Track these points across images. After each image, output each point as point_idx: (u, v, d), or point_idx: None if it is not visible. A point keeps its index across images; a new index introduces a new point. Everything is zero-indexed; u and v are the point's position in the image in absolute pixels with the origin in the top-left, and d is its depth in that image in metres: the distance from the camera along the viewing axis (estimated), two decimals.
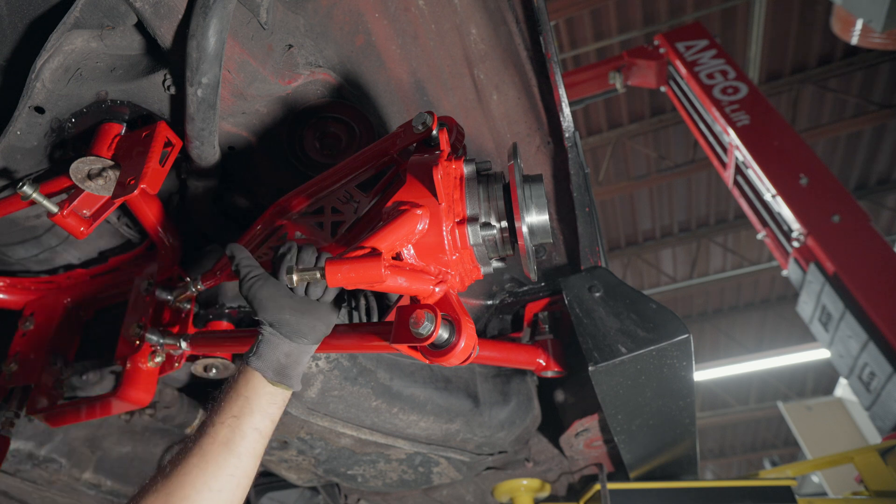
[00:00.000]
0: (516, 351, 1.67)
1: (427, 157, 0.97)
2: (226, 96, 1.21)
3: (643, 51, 5.77)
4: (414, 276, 0.88)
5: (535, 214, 0.94)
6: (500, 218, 0.93)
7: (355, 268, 0.83)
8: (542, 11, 1.20)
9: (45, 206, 1.13)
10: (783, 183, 4.26)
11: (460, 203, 0.92)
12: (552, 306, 1.76)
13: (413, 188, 0.93)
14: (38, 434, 1.66)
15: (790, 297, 9.61)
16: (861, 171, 8.14)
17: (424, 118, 1.00)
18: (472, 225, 0.90)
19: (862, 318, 3.62)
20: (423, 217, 0.89)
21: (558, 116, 1.34)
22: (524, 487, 2.20)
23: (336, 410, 1.63)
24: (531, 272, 0.96)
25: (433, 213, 0.90)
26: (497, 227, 0.93)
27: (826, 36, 6.66)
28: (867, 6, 3.81)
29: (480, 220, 0.91)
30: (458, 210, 0.92)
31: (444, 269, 0.91)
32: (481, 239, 0.91)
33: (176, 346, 1.34)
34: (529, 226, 0.93)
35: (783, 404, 8.40)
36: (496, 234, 0.93)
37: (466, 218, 0.91)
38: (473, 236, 0.90)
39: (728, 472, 13.71)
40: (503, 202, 0.93)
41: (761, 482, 2.08)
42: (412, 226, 0.89)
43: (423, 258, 0.91)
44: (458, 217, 0.91)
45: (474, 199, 0.93)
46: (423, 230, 0.89)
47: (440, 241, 0.89)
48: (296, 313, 0.93)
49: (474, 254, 0.93)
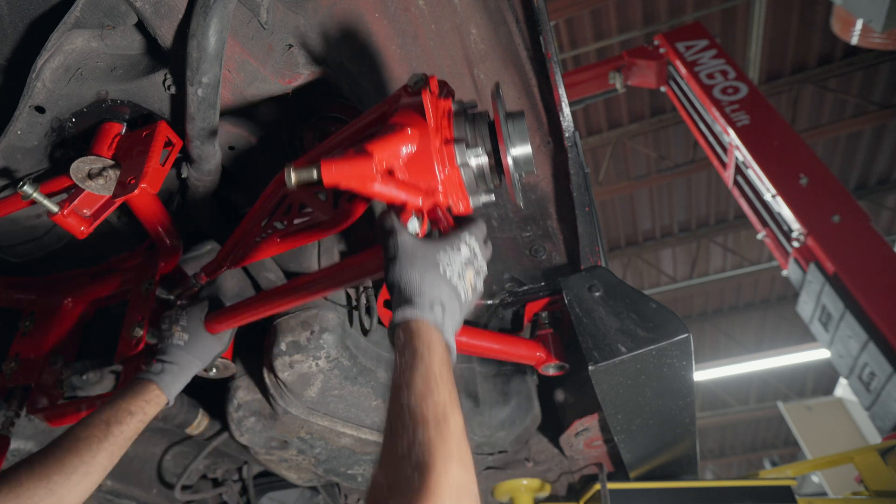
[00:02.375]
0: (516, 343, 1.67)
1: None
2: (226, 96, 1.21)
3: (643, 51, 5.77)
4: (403, 186, 0.93)
5: (519, 146, 0.97)
6: (486, 147, 0.97)
7: (349, 164, 0.88)
8: (542, 11, 1.20)
9: (46, 205, 1.13)
10: (783, 183, 4.26)
11: (448, 129, 0.97)
12: (552, 306, 1.76)
13: (405, 114, 0.97)
14: (38, 434, 1.66)
15: (790, 297, 9.61)
16: (861, 171, 8.14)
17: (419, 77, 1.02)
18: (458, 145, 0.94)
19: (862, 318, 3.62)
20: (413, 135, 0.93)
21: (558, 116, 1.34)
22: (524, 487, 2.20)
23: (336, 410, 1.63)
24: (518, 199, 1.00)
25: (423, 132, 0.94)
26: (483, 151, 0.96)
27: (826, 36, 6.65)
28: (867, 6, 3.81)
29: (467, 142, 0.96)
30: (446, 133, 0.96)
31: (433, 187, 0.94)
32: (468, 160, 0.95)
33: None
34: (514, 157, 0.96)
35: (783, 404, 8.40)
36: (483, 161, 0.97)
37: (454, 139, 0.95)
38: (460, 155, 0.94)
39: (728, 472, 13.71)
40: (489, 136, 0.97)
41: (761, 482, 2.08)
42: (403, 140, 0.93)
43: (413, 175, 0.94)
44: (445, 138, 0.96)
45: (461, 127, 0.97)
46: (412, 150, 0.93)
47: (429, 157, 0.93)
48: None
49: (462, 177, 0.96)
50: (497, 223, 1.59)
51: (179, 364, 1.27)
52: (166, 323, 1.33)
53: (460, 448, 0.67)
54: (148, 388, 1.19)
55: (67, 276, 1.58)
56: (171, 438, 1.99)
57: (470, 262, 0.89)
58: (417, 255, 0.85)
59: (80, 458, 1.01)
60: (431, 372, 0.74)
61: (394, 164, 0.93)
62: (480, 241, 0.94)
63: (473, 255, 0.90)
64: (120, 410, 1.11)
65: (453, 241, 0.89)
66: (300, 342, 1.48)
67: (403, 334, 0.80)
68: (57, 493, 0.96)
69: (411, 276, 0.83)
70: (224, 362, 1.49)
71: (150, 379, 1.21)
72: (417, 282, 0.83)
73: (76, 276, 1.58)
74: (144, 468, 1.94)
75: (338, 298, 1.60)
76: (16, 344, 1.51)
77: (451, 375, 0.77)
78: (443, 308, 0.82)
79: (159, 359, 1.27)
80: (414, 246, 0.87)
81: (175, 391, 1.25)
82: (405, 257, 0.85)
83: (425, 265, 0.84)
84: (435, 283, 0.83)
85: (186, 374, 1.29)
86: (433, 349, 0.77)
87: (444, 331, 0.82)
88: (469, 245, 0.90)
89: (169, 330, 1.31)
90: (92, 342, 1.67)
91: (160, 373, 1.23)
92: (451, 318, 0.84)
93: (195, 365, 1.31)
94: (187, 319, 1.32)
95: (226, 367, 1.52)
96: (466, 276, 0.88)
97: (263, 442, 1.75)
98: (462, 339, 1.59)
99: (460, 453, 0.67)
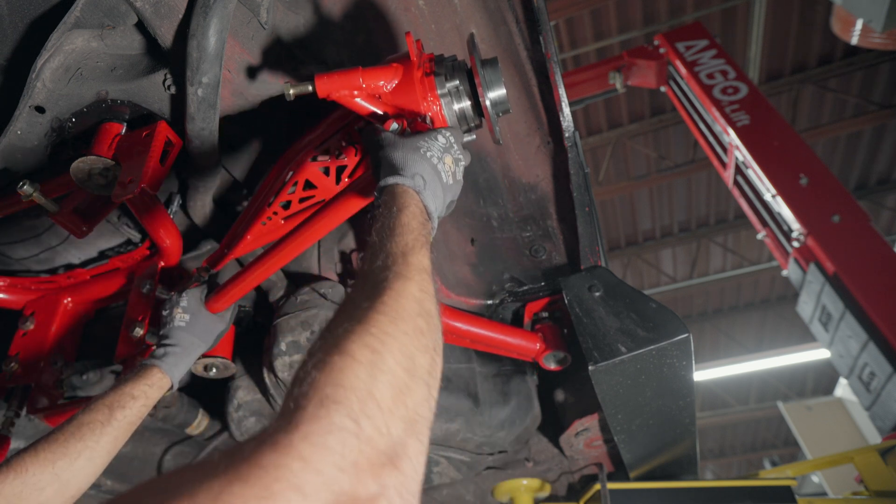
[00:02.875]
0: (515, 333, 1.66)
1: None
2: (226, 96, 1.21)
3: (643, 51, 5.77)
4: (388, 107, 1.04)
5: (496, 89, 1.05)
6: (466, 91, 1.06)
7: (339, 75, 1.01)
8: (542, 11, 1.20)
9: (46, 205, 1.13)
10: (783, 183, 4.26)
11: (428, 65, 1.06)
12: (552, 306, 1.76)
13: (391, 59, 1.08)
14: (38, 434, 1.66)
15: (790, 297, 9.61)
16: (861, 171, 8.14)
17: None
18: (438, 77, 1.04)
19: (862, 318, 3.62)
20: (397, 68, 1.04)
21: (558, 116, 1.34)
22: (524, 487, 2.20)
23: None
24: (496, 137, 1.08)
25: (407, 68, 1.04)
26: (464, 91, 1.05)
27: (826, 36, 6.65)
28: (867, 6, 3.81)
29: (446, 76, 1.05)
30: (427, 68, 1.06)
31: (415, 110, 1.04)
32: (447, 90, 1.04)
33: None
34: (490, 98, 1.04)
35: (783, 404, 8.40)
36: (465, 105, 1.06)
37: (433, 72, 1.05)
38: (440, 86, 1.04)
39: (728, 472, 13.70)
40: (468, 82, 1.06)
41: (761, 482, 2.08)
42: (389, 70, 1.04)
43: (398, 101, 1.04)
44: (426, 71, 1.05)
45: (441, 71, 1.06)
46: (397, 80, 1.04)
47: (412, 85, 1.03)
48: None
49: (444, 113, 1.04)
50: (497, 223, 1.59)
51: (182, 346, 1.27)
52: (167, 308, 1.34)
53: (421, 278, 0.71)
54: (151, 372, 1.19)
55: (67, 276, 1.58)
56: (171, 438, 1.99)
57: (447, 149, 0.96)
58: (399, 142, 0.94)
59: (83, 443, 1.02)
60: (401, 220, 0.79)
61: (380, 91, 1.04)
62: (458, 139, 1.01)
63: (450, 145, 0.97)
64: (123, 395, 1.12)
65: (431, 133, 0.97)
66: (300, 342, 1.48)
67: (385, 196, 0.86)
68: (62, 477, 0.97)
69: (394, 156, 0.91)
70: (224, 362, 1.49)
71: (153, 363, 1.21)
72: (400, 159, 0.90)
73: (76, 276, 1.58)
74: (144, 468, 1.94)
75: (337, 298, 1.60)
76: (16, 344, 1.51)
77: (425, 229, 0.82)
78: (424, 181, 0.88)
79: (161, 343, 1.27)
80: (396, 137, 0.96)
81: (179, 374, 1.25)
82: (389, 145, 0.94)
83: (406, 147, 0.92)
84: (417, 161, 0.90)
85: (189, 355, 1.29)
86: (408, 207, 0.82)
87: (423, 196, 0.87)
88: (445, 137, 0.97)
89: (170, 313, 1.32)
90: (92, 342, 1.67)
91: (163, 356, 1.23)
92: (431, 191, 0.89)
93: (198, 345, 1.31)
94: (188, 300, 1.33)
95: (226, 367, 1.52)
96: (445, 160, 0.95)
97: None
98: (461, 325, 1.59)
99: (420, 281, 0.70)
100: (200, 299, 1.35)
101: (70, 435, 1.02)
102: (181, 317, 1.31)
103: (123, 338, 1.38)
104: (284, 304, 1.57)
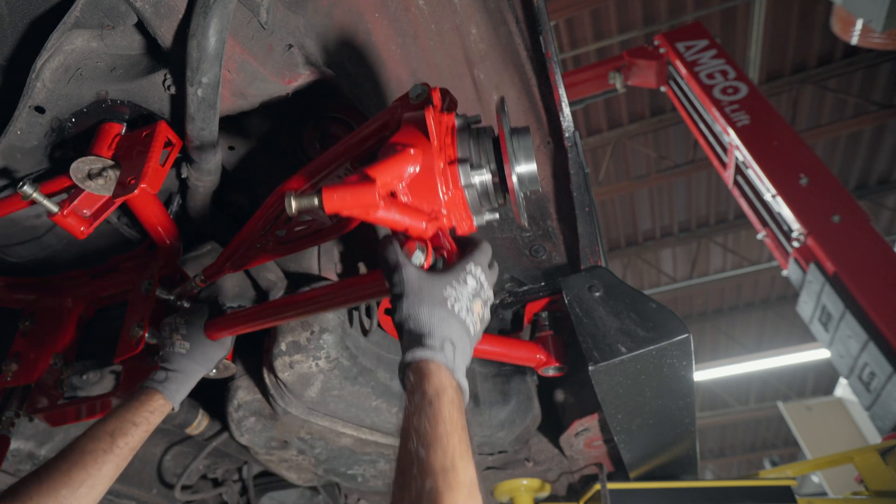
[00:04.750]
0: (517, 346, 1.67)
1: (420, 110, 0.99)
2: (226, 96, 1.21)
3: (643, 51, 5.77)
4: (406, 210, 0.90)
5: (524, 163, 0.95)
6: (491, 166, 0.96)
7: (350, 192, 0.84)
8: (542, 11, 1.20)
9: (46, 205, 1.13)
10: (783, 183, 4.26)
11: (451, 147, 0.94)
12: (552, 306, 1.76)
13: (406, 132, 0.95)
14: (38, 434, 1.66)
15: (790, 297, 9.61)
16: (861, 171, 8.14)
17: (420, 89, 1.01)
18: (462, 165, 0.92)
19: (862, 318, 3.62)
20: (416, 156, 0.91)
21: (558, 116, 1.34)
22: (524, 487, 2.20)
23: (336, 410, 1.63)
24: (522, 218, 0.98)
25: (426, 153, 0.91)
26: (487, 170, 0.95)
27: (826, 36, 6.65)
28: (867, 6, 3.81)
29: (471, 162, 0.93)
30: (450, 153, 0.94)
31: (436, 209, 0.92)
32: (472, 180, 0.92)
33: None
34: (518, 174, 0.94)
35: (783, 404, 8.41)
36: (487, 180, 0.95)
37: (457, 159, 0.93)
38: (465, 176, 0.92)
39: (728, 472, 13.71)
40: (493, 153, 0.95)
41: (761, 482, 2.08)
42: (405, 162, 0.90)
43: (416, 197, 0.92)
44: (449, 158, 0.93)
45: (465, 146, 0.95)
46: (415, 171, 0.91)
47: (432, 179, 0.90)
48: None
49: (466, 197, 0.94)
50: (497, 223, 1.59)
51: (183, 371, 1.28)
52: (166, 331, 1.33)
53: (470, 498, 0.65)
54: (153, 398, 1.21)
55: (67, 276, 1.58)
56: (171, 438, 1.99)
57: (477, 293, 0.87)
58: (424, 292, 0.83)
59: (86, 471, 1.04)
60: (441, 417, 0.71)
61: (396, 186, 0.91)
62: (485, 268, 0.92)
63: (480, 286, 0.88)
64: (125, 422, 1.14)
65: (459, 274, 0.87)
66: (300, 342, 1.48)
67: (414, 376, 0.77)
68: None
69: (420, 314, 0.81)
70: (224, 362, 1.49)
71: (155, 388, 1.22)
72: (426, 320, 0.81)
73: (76, 276, 1.58)
74: (144, 468, 1.94)
75: None
76: (16, 344, 1.51)
77: (463, 419, 0.75)
78: (453, 346, 0.80)
79: (163, 366, 1.28)
80: (420, 281, 0.85)
81: (180, 398, 1.26)
82: (413, 294, 0.83)
83: (433, 302, 0.82)
84: (445, 321, 0.81)
85: (191, 380, 1.30)
86: (444, 392, 0.74)
87: (456, 371, 0.79)
88: (475, 276, 0.88)
89: (170, 338, 1.32)
90: (92, 342, 1.67)
91: (164, 381, 1.24)
92: (461, 355, 0.82)
93: (199, 371, 1.32)
94: (187, 328, 1.33)
95: (226, 368, 1.52)
96: (474, 308, 0.86)
97: (263, 442, 1.75)
98: None
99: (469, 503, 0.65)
100: (200, 326, 1.34)
101: (73, 463, 1.03)
102: (181, 343, 1.30)
103: (123, 338, 1.38)
104: None
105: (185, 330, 1.32)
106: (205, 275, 1.38)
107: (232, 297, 1.59)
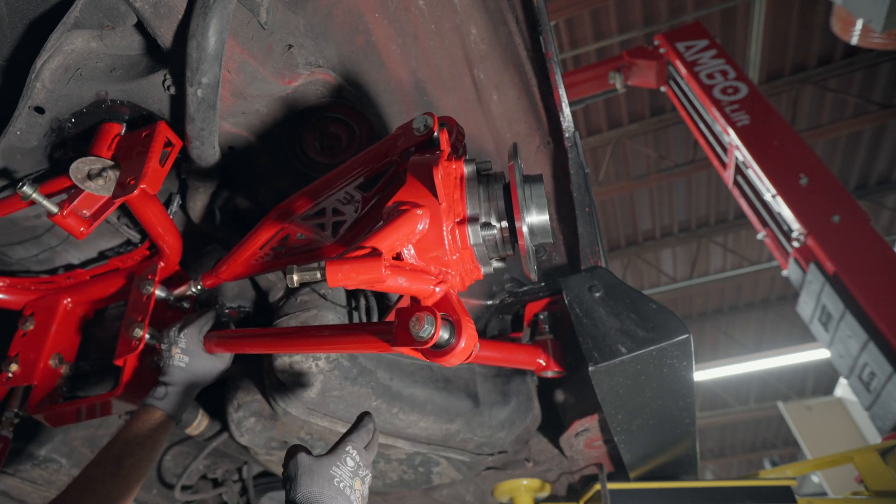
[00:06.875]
0: (516, 351, 1.67)
1: (427, 157, 0.97)
2: (226, 96, 1.21)
3: (643, 51, 5.77)
4: (414, 276, 0.88)
5: (536, 214, 0.94)
6: (501, 218, 0.94)
7: (356, 268, 0.82)
8: (542, 11, 1.20)
9: (45, 206, 1.13)
10: (783, 183, 4.26)
11: (460, 203, 0.92)
12: (552, 306, 1.76)
13: (413, 188, 0.93)
14: (37, 434, 1.66)
15: (790, 297, 9.62)
16: (861, 171, 8.15)
17: (425, 120, 0.99)
18: (472, 225, 0.90)
19: (862, 318, 3.62)
20: (423, 217, 0.89)
21: (558, 116, 1.34)
22: (524, 487, 2.20)
23: (336, 410, 1.63)
24: (532, 272, 0.97)
25: (433, 212, 0.89)
26: (497, 227, 0.93)
27: (826, 36, 6.65)
28: (867, 6, 3.81)
29: (481, 220, 0.91)
30: (459, 210, 0.92)
31: (444, 270, 0.91)
32: (482, 239, 0.91)
33: None
34: (530, 226, 0.93)
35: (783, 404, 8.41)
36: (496, 234, 0.93)
37: (467, 218, 0.91)
38: (474, 236, 0.90)
39: (728, 472, 13.71)
40: (503, 202, 0.93)
41: (761, 482, 2.08)
42: (412, 226, 0.89)
43: (423, 258, 0.91)
44: (458, 217, 0.91)
45: (474, 198, 0.93)
46: (423, 230, 0.89)
47: (440, 241, 0.89)
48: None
49: (474, 254, 0.93)
50: None
51: (182, 385, 1.29)
52: (166, 343, 1.34)
53: None
54: (154, 416, 1.22)
55: (67, 276, 1.58)
56: (171, 438, 1.99)
57: (355, 473, 0.97)
58: (315, 471, 0.93)
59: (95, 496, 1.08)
60: None
61: (402, 248, 0.89)
62: (361, 450, 1.01)
63: (357, 466, 0.98)
64: (129, 444, 1.16)
65: (340, 455, 0.98)
66: None
67: None
68: None
69: (311, 492, 0.91)
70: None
71: (156, 406, 1.23)
72: (317, 497, 0.90)
73: (76, 276, 1.58)
74: None
75: (338, 299, 1.60)
76: (16, 344, 1.51)
77: None
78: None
79: (162, 381, 1.28)
80: (311, 463, 0.95)
81: (182, 411, 1.28)
82: (305, 474, 0.93)
83: (322, 480, 0.92)
84: (333, 498, 0.91)
85: (191, 393, 1.31)
86: None
87: None
88: (352, 456, 0.98)
89: (169, 351, 1.32)
90: (92, 342, 1.67)
91: (164, 397, 1.25)
92: None
93: (197, 385, 1.33)
94: (186, 342, 1.33)
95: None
96: (355, 486, 0.96)
97: (263, 442, 1.75)
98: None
99: None
100: (199, 340, 1.34)
101: (83, 490, 1.08)
102: (180, 357, 1.31)
103: (123, 338, 1.38)
104: (284, 305, 1.56)
105: (184, 343, 1.32)
106: (202, 282, 1.39)
107: (232, 297, 1.60)
